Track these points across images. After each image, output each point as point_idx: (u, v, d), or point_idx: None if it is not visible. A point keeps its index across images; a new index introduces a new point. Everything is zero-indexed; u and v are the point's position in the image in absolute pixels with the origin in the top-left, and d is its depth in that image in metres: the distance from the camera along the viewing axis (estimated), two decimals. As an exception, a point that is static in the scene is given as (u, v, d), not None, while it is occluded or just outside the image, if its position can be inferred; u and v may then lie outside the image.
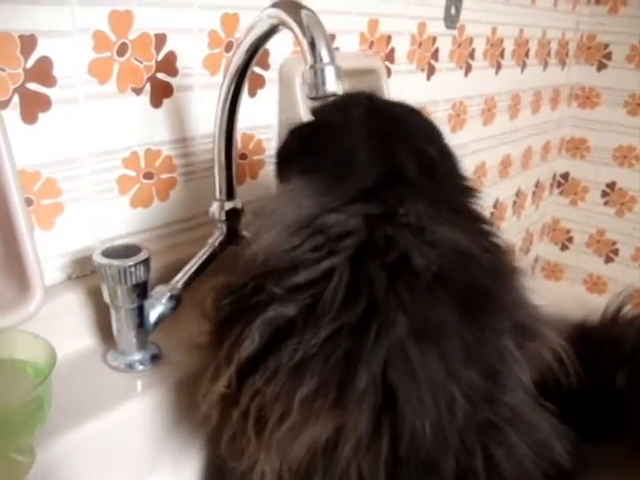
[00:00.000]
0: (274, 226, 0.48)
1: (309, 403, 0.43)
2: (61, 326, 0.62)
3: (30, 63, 0.57)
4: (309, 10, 0.48)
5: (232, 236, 0.69)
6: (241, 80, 0.59)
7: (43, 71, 0.58)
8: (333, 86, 0.45)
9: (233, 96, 0.60)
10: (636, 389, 0.61)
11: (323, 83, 0.44)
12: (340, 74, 0.45)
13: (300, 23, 0.47)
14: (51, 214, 0.63)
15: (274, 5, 0.50)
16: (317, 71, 0.45)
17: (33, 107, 0.59)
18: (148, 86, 0.68)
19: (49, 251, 0.64)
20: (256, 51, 0.56)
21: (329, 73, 0.45)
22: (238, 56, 0.57)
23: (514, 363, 0.52)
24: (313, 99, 0.46)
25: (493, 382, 0.49)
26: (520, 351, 0.53)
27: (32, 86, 0.58)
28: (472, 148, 1.41)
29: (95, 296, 0.63)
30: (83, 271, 0.67)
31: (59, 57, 0.59)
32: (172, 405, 0.62)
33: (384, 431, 0.44)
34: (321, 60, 0.45)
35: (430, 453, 0.45)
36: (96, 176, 0.66)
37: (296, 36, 0.47)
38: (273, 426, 0.45)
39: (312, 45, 0.46)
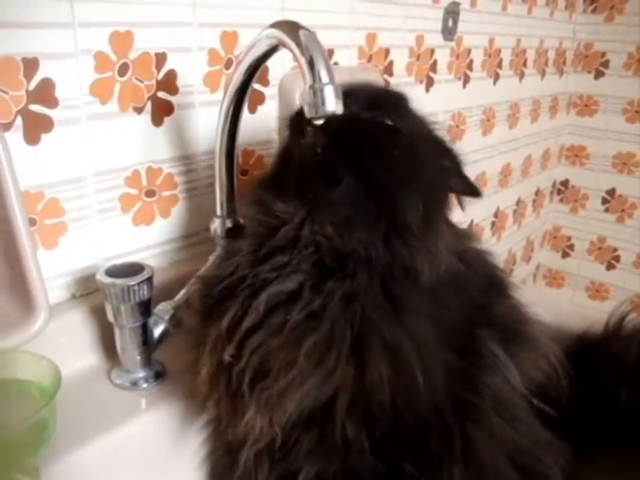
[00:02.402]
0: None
1: (318, 353, 0.47)
2: (65, 344, 0.62)
3: (32, 85, 0.58)
4: (307, 30, 0.48)
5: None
6: (241, 98, 0.59)
7: (45, 93, 0.59)
8: (333, 106, 0.45)
9: (233, 114, 0.61)
10: (639, 405, 0.61)
11: (323, 103, 0.45)
12: (339, 93, 0.46)
13: (299, 43, 0.47)
14: (54, 233, 0.63)
15: (273, 25, 0.51)
16: (316, 91, 0.45)
17: (36, 128, 0.59)
18: (149, 105, 0.69)
19: (53, 270, 0.64)
20: (256, 70, 0.57)
21: (328, 93, 0.45)
22: (238, 75, 0.57)
23: (490, 351, 0.55)
24: (313, 119, 0.47)
25: (467, 362, 0.53)
26: (506, 352, 0.55)
27: (35, 108, 0.59)
28: (472, 158, 1.40)
29: (99, 314, 0.64)
30: (87, 289, 0.67)
31: (61, 78, 0.60)
32: (176, 422, 0.63)
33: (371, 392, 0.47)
34: (320, 80, 0.45)
35: (409, 425, 0.49)
36: (99, 195, 0.66)
37: (295, 56, 0.47)
38: (274, 376, 0.48)
39: (311, 65, 0.46)
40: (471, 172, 0.62)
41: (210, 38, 0.74)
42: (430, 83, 1.21)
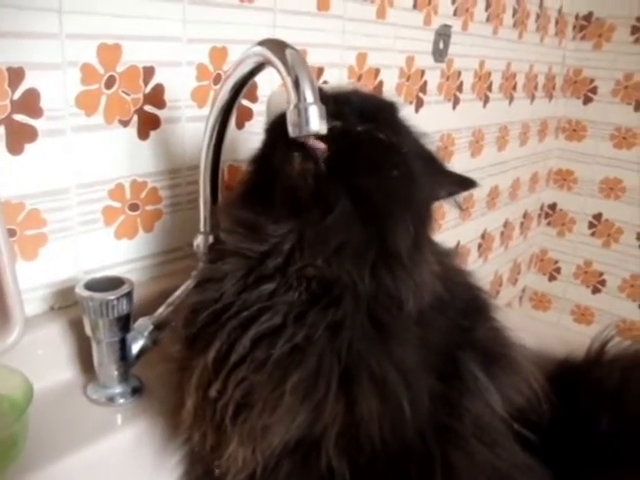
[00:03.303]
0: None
1: (304, 389, 0.46)
2: (41, 357, 0.61)
3: (17, 95, 0.57)
4: (294, 49, 0.48)
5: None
6: (227, 115, 0.59)
7: (30, 103, 0.59)
8: (317, 125, 0.45)
9: (219, 130, 0.61)
10: (620, 432, 0.61)
11: (307, 122, 0.45)
12: (323, 113, 0.46)
13: (285, 62, 0.47)
14: (34, 245, 0.63)
15: (260, 43, 0.51)
16: (301, 110, 0.45)
17: (19, 138, 0.59)
18: (135, 118, 0.69)
19: (31, 282, 0.63)
20: (242, 87, 0.57)
21: (312, 112, 0.45)
22: (224, 92, 0.57)
23: (472, 374, 0.54)
24: (297, 138, 0.46)
25: (449, 385, 0.52)
26: (488, 375, 0.54)
27: (19, 117, 0.58)
28: (460, 179, 1.42)
29: (77, 327, 0.63)
30: (66, 302, 0.66)
31: (47, 89, 0.60)
32: (153, 439, 0.62)
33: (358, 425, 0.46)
34: (305, 99, 0.45)
35: (392, 452, 0.48)
36: (81, 207, 0.66)
37: (281, 75, 0.47)
38: (259, 411, 0.47)
39: (296, 84, 0.46)
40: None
41: (199, 53, 0.74)
42: (420, 104, 1.22)
